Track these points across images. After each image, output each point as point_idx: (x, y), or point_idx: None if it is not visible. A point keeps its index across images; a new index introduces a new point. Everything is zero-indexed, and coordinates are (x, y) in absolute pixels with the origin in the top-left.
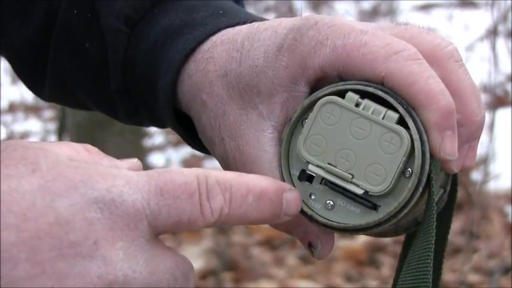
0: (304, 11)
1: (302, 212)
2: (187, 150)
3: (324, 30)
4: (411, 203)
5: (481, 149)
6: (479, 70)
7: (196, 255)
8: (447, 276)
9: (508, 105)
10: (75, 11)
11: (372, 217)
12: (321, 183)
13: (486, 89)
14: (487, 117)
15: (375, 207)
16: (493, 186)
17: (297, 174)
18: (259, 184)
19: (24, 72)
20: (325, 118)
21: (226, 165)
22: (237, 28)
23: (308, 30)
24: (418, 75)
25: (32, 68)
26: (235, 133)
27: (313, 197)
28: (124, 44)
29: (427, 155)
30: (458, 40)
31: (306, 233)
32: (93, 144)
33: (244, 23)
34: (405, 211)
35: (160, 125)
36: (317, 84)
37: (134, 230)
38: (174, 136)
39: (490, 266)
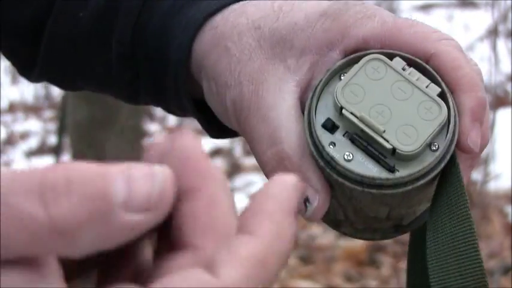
0: None
1: (321, 156)
2: None
3: (372, 8)
4: (431, 175)
5: None
6: None
7: None
8: None
9: (508, 105)
10: None
11: (391, 175)
12: (344, 135)
13: (486, 89)
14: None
15: (393, 170)
16: (493, 186)
17: (322, 121)
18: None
19: (17, 48)
20: (370, 72)
21: (237, 110)
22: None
23: (355, 6)
24: (464, 62)
25: (26, 43)
26: (257, 78)
27: (332, 147)
28: (140, 4)
29: (456, 137)
30: (458, 40)
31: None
32: (92, 144)
33: None
34: (423, 181)
35: (158, 95)
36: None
37: None
38: None
39: (490, 266)
